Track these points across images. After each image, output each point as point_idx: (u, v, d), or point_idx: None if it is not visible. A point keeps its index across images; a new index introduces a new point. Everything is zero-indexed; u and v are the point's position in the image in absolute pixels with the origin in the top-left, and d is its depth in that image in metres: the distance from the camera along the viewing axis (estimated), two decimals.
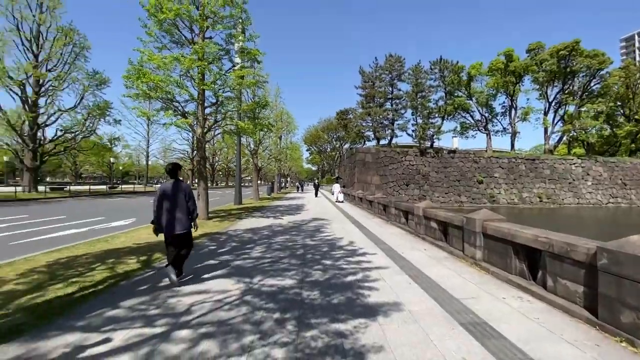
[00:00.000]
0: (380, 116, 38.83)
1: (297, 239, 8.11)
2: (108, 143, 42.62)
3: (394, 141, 39.42)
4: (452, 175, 34.81)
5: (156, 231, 4.53)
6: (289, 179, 68.21)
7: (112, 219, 12.39)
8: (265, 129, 15.78)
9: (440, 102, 38.47)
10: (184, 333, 2.97)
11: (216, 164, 67.00)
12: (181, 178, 4.86)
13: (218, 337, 2.90)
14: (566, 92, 39.47)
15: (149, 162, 56.35)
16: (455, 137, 44.49)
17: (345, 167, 46.04)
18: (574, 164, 37.48)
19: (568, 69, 37.76)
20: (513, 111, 40.53)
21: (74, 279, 4.58)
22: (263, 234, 8.93)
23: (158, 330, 3.03)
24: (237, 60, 12.43)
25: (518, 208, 33.02)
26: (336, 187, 24.72)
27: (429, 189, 33.85)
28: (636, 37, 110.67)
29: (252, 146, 24.76)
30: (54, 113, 28.84)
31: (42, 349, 2.68)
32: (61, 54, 27.25)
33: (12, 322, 3.17)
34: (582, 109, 40.17)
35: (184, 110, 11.80)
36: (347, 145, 59.05)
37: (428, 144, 36.92)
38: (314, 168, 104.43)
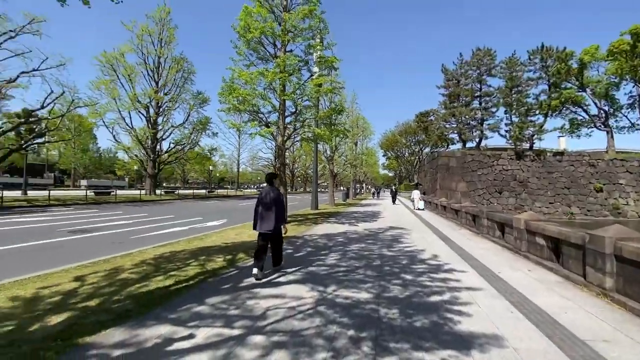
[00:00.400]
0: (467, 116, 35.32)
1: (374, 248, 7.73)
2: (208, 153, 49.17)
3: (483, 143, 35.31)
4: (560, 181, 29.35)
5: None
6: (364, 185, 67.50)
7: (208, 220, 13.97)
8: (341, 135, 15.83)
9: (542, 97, 32.98)
10: (258, 339, 2.96)
11: (295, 170, 70.64)
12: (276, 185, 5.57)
13: (290, 348, 2.80)
14: None
15: (240, 169, 62.75)
16: (562, 136, 37.15)
17: (425, 172, 43.20)
18: None
19: None
20: None
21: (172, 273, 5.15)
22: (338, 240, 8.81)
23: (235, 332, 3.10)
24: (315, 69, 12.78)
25: None
26: (415, 194, 23.18)
27: (528, 198, 29.19)
28: None
29: (328, 152, 25.24)
30: (168, 129, 34.92)
31: (140, 337, 2.98)
32: (174, 79, 32.80)
33: (123, 307, 3.67)
34: None
35: (267, 120, 12.64)
36: (427, 149, 55.61)
37: (526, 145, 31.96)
38: (390, 174, 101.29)
